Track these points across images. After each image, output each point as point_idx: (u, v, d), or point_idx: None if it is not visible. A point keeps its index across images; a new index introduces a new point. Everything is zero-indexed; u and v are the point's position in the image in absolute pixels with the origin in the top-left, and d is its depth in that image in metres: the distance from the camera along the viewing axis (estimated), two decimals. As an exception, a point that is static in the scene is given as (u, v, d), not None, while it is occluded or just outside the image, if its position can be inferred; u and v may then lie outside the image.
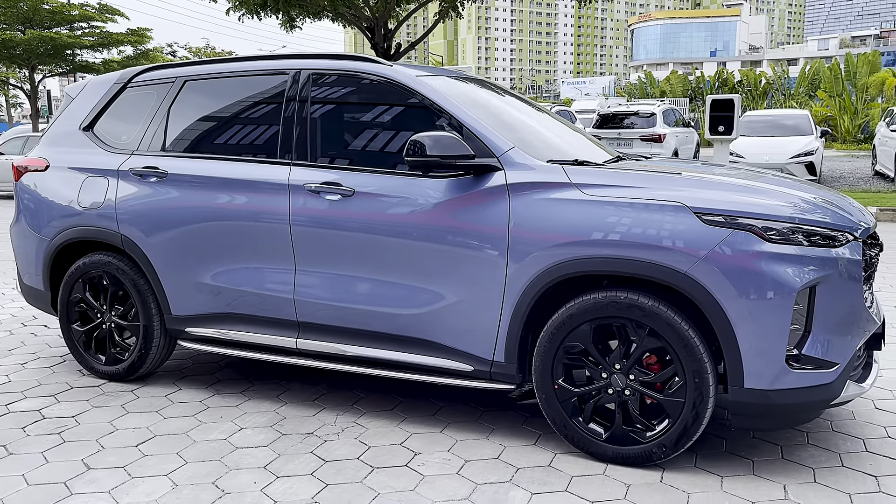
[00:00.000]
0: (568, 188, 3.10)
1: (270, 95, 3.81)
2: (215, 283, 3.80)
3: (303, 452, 3.26)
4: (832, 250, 2.86)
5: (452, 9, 16.00)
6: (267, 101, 3.83)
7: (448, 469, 3.08)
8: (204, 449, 3.31)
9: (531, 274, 3.09)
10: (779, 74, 39.14)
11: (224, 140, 3.91)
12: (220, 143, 3.91)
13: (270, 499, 2.85)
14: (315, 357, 3.68)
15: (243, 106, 3.93)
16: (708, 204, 2.90)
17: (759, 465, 3.09)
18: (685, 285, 2.86)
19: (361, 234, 3.43)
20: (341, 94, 3.72)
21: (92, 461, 3.20)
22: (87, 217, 4.09)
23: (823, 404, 2.92)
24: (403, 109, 3.59)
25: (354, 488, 2.93)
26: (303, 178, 3.56)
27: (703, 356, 2.88)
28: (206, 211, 3.77)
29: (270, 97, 3.81)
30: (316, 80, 3.71)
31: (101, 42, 26.17)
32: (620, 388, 3.05)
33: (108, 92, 4.29)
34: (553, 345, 3.12)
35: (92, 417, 3.68)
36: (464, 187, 3.25)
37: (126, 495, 2.89)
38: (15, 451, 3.31)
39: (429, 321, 3.34)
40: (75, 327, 4.25)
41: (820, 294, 2.84)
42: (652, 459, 3.02)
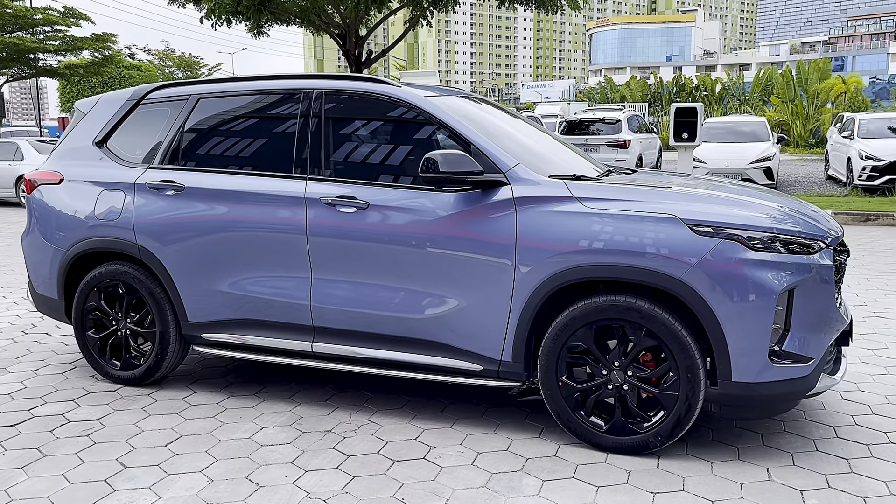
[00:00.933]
0: (570, 202, 3.40)
1: (284, 113, 4.04)
2: (232, 290, 4.01)
3: (325, 448, 3.50)
4: (807, 257, 3.20)
5: (422, 17, 16.28)
6: (281, 118, 4.06)
7: (463, 461, 3.35)
8: (230, 447, 3.52)
9: (537, 280, 3.38)
10: (734, 80, 40.26)
11: (239, 155, 4.13)
12: (235, 159, 4.12)
13: (303, 490, 3.09)
14: (330, 359, 3.92)
15: (257, 123, 4.15)
16: (698, 216, 3.22)
17: (744, 451, 3.42)
18: (679, 290, 3.18)
19: (376, 243, 3.68)
20: (353, 113, 3.97)
21: (126, 460, 3.39)
22: (104, 228, 4.26)
23: (801, 395, 3.26)
24: (413, 128, 3.85)
25: (380, 479, 3.18)
26: (319, 191, 3.80)
27: (695, 353, 3.20)
28: (224, 222, 3.98)
29: (284, 115, 4.04)
30: (329, 99, 3.95)
31: (65, 46, 25.85)
32: (619, 384, 3.35)
33: (121, 108, 4.47)
34: (557, 345, 3.41)
35: (116, 420, 3.87)
36: (473, 201, 3.53)
37: (167, 490, 3.10)
38: (49, 453, 3.48)
39: (440, 325, 3.60)
40: (90, 334, 4.41)
41: (797, 296, 3.19)
42: (648, 448, 3.33)
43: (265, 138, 4.12)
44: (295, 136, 3.95)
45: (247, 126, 4.18)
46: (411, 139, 3.87)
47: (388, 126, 3.94)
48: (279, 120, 4.07)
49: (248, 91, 4.20)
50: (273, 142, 4.07)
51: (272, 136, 4.09)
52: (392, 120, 3.91)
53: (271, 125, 4.12)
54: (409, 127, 3.87)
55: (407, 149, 3.87)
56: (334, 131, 3.93)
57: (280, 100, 4.09)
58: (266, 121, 4.13)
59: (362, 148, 3.96)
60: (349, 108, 3.97)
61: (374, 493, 3.06)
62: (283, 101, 4.07)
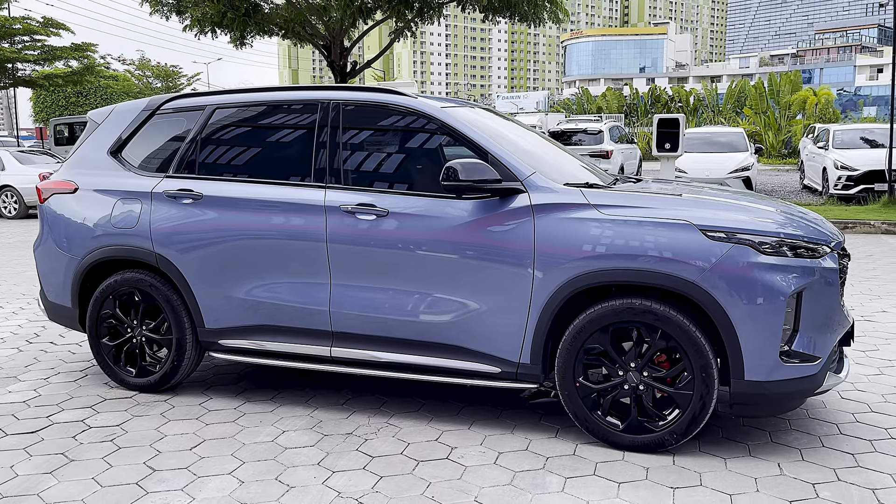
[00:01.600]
0: (587, 209, 3.53)
1: (302, 124, 4.13)
2: (251, 297, 4.08)
3: (349, 450, 3.58)
4: (815, 260, 3.36)
5: (407, 28, 16.43)
6: (299, 128, 4.15)
7: (486, 460, 3.45)
8: (255, 450, 3.59)
9: (556, 285, 3.50)
10: (709, 91, 40.96)
11: (256, 164, 4.20)
12: (252, 168, 4.20)
13: (334, 490, 3.17)
14: (348, 364, 4.00)
15: (274, 133, 4.24)
16: (711, 222, 3.37)
17: (754, 447, 3.56)
18: (693, 293, 3.32)
19: (395, 250, 3.78)
20: (371, 123, 4.07)
21: (154, 464, 3.45)
22: (121, 237, 4.31)
23: (809, 392, 3.41)
24: (430, 138, 3.97)
25: (407, 479, 3.27)
26: (338, 199, 3.89)
27: (709, 353, 3.34)
28: (243, 230, 4.06)
29: (302, 125, 4.13)
30: (347, 110, 4.05)
31: (44, 56, 25.61)
32: (635, 384, 3.48)
33: (135, 119, 4.53)
34: (575, 347, 3.53)
35: (137, 426, 3.91)
36: (491, 208, 3.64)
37: (199, 492, 3.16)
38: (76, 458, 3.52)
39: (459, 329, 3.70)
40: (104, 342, 4.45)
41: (806, 298, 3.34)
42: (664, 446, 3.46)
43: (283, 148, 4.20)
44: (313, 145, 4.04)
45: (263, 136, 4.26)
46: (428, 149, 3.98)
47: (405, 136, 4.05)
48: (297, 130, 4.16)
49: (264, 101, 4.28)
50: (291, 151, 4.16)
51: (290, 146, 4.18)
52: (409, 130, 4.01)
53: (289, 135, 4.20)
54: (426, 137, 3.98)
55: (424, 158, 3.99)
56: (352, 141, 4.03)
57: (297, 110, 4.18)
58: (283, 131, 4.22)
59: (380, 157, 4.06)
60: (367, 118, 4.07)
61: (403, 491, 3.15)
62: (301, 111, 4.16)
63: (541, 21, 16.05)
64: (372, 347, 3.92)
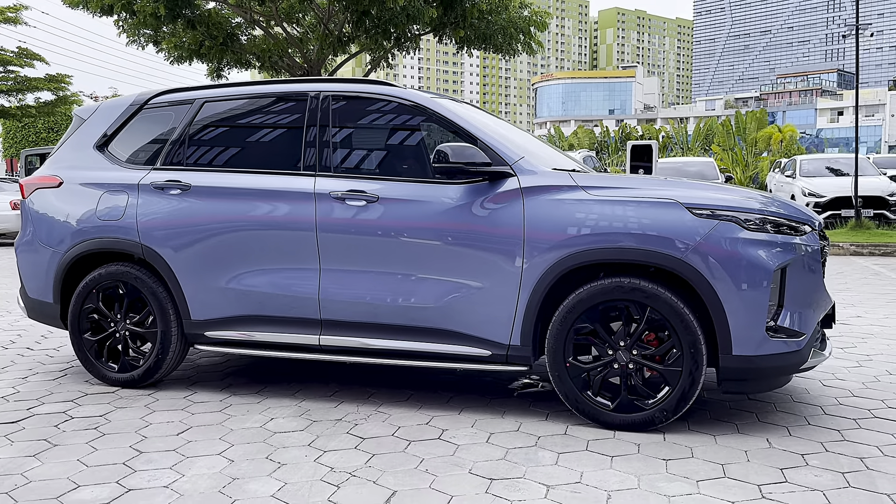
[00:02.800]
0: (575, 190, 3.59)
1: (292, 114, 4.17)
2: (238, 286, 4.06)
3: (340, 433, 3.54)
4: (797, 237, 3.45)
5: (384, 59, 16.66)
6: (288, 119, 4.19)
7: (478, 440, 3.44)
8: (245, 434, 3.54)
9: (546, 265, 3.54)
10: (677, 129, 41.91)
11: (245, 155, 4.23)
12: (241, 159, 4.22)
13: (327, 467, 3.13)
14: (337, 352, 3.98)
15: (263, 124, 4.27)
16: (697, 200, 3.45)
17: (742, 426, 3.60)
18: (681, 269, 3.38)
19: (385, 235, 3.80)
20: (360, 113, 4.13)
21: (141, 447, 3.38)
22: (106, 229, 4.28)
23: (795, 368, 3.47)
24: (419, 126, 4.02)
25: (400, 456, 3.24)
26: (328, 186, 3.91)
27: (697, 329, 3.39)
28: (232, 219, 4.05)
29: (292, 116, 4.16)
30: (336, 100, 4.10)
31: (18, 87, 25.46)
32: (625, 363, 3.51)
33: (123, 113, 4.53)
34: (565, 327, 3.56)
35: (121, 416, 3.84)
36: (481, 191, 3.69)
37: (189, 469, 3.11)
38: (59, 443, 3.45)
39: (450, 312, 3.72)
40: (86, 337, 4.38)
41: (790, 274, 3.42)
42: (654, 424, 3.48)
43: (272, 139, 4.23)
44: (303, 135, 4.07)
45: (253, 127, 4.29)
46: (418, 138, 4.03)
47: (395, 126, 4.10)
48: (287, 121, 4.20)
49: (254, 94, 4.32)
50: (281, 142, 4.19)
51: (280, 137, 4.21)
52: (399, 120, 4.07)
53: (279, 126, 4.24)
54: (415, 126, 4.04)
55: (414, 146, 4.04)
56: (342, 131, 4.07)
57: (287, 102, 4.22)
58: (273, 122, 4.26)
59: (370, 147, 4.11)
60: (356, 108, 4.12)
61: (397, 466, 3.13)
62: (291, 103, 4.20)
63: (514, 52, 16.37)
64: (361, 335, 3.91)
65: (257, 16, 15.83)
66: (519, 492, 2.85)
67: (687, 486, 2.89)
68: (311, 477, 3.02)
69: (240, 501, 2.79)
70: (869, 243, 11.87)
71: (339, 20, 15.44)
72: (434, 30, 15.70)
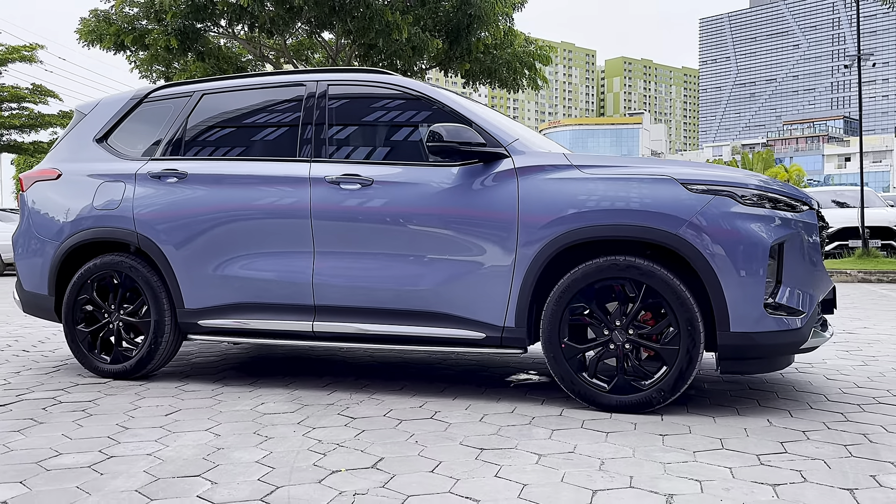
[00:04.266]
0: (569, 169, 3.58)
1: (288, 104, 4.19)
2: (232, 273, 4.03)
3: (331, 414, 3.47)
4: (793, 213, 3.41)
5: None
6: (284, 109, 4.21)
7: (471, 419, 3.37)
8: (234, 415, 3.48)
9: (540, 244, 3.51)
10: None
11: (242, 144, 4.25)
12: (237, 147, 4.25)
13: (315, 440, 3.06)
14: (330, 339, 3.93)
15: (261, 115, 4.30)
16: (691, 176, 3.42)
17: (742, 409, 3.51)
18: (677, 244, 3.34)
19: (379, 218, 3.78)
20: (356, 101, 4.15)
21: (127, 425, 3.32)
22: (102, 219, 4.28)
23: (795, 347, 3.39)
24: (413, 112, 4.03)
25: (390, 432, 3.17)
26: (323, 171, 3.92)
27: (693, 306, 3.33)
28: (227, 206, 4.05)
29: (288, 105, 4.19)
30: (332, 88, 4.13)
31: (31, 123, 25.92)
32: (621, 342, 3.44)
33: (123, 107, 4.58)
34: (560, 307, 3.50)
35: (110, 401, 3.78)
36: (475, 173, 3.68)
37: (174, 442, 3.04)
38: (44, 421, 3.39)
39: (444, 295, 3.67)
40: (80, 328, 4.35)
41: (787, 250, 3.37)
42: (652, 405, 3.39)
43: (269, 129, 4.26)
44: (299, 124, 4.09)
45: (250, 118, 4.32)
46: (413, 123, 4.04)
47: (389, 112, 4.11)
48: (283, 109, 4.22)
49: (251, 86, 4.36)
50: (277, 130, 4.21)
51: (276, 127, 4.23)
52: (393, 106, 4.08)
53: (275, 116, 4.27)
54: (410, 112, 4.05)
55: (408, 132, 4.05)
56: (337, 118, 4.09)
57: (283, 92, 4.25)
58: (269, 112, 4.28)
59: (365, 133, 4.12)
60: (351, 96, 4.15)
61: (386, 439, 3.05)
62: (287, 93, 4.23)
63: (520, 87, 16.55)
64: (354, 320, 3.87)
65: (267, 51, 16.11)
66: (510, 459, 2.77)
67: (683, 455, 2.81)
68: (299, 448, 2.94)
69: (223, 466, 2.72)
70: (877, 270, 11.76)
71: (347, 55, 15.70)
72: (440, 64, 15.93)
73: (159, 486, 2.51)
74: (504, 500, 2.35)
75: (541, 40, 16.82)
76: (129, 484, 2.53)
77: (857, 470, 2.62)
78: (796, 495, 2.37)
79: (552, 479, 2.54)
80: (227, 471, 2.66)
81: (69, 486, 2.51)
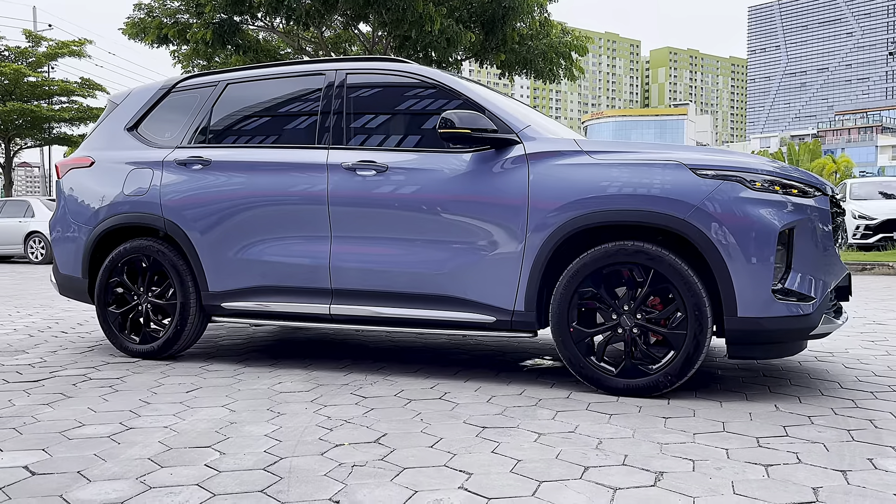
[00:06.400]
0: (579, 154, 3.61)
1: (308, 92, 4.30)
2: (253, 257, 4.17)
3: (343, 394, 3.58)
4: (805, 199, 3.40)
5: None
6: (304, 97, 4.32)
7: (478, 400, 3.44)
8: (251, 393, 3.61)
9: (550, 229, 3.55)
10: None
11: (263, 132, 4.38)
12: (259, 135, 4.37)
13: (324, 416, 3.17)
14: (347, 321, 4.04)
15: (282, 103, 4.42)
16: (700, 162, 3.43)
17: (751, 395, 3.51)
18: (685, 229, 3.35)
19: (394, 203, 3.87)
20: (373, 89, 4.24)
21: (149, 399, 3.48)
22: (132, 205, 4.46)
23: (805, 333, 3.38)
24: (429, 99, 4.10)
25: (398, 411, 3.26)
26: (340, 158, 4.02)
27: (701, 291, 3.34)
28: (248, 192, 4.18)
29: (308, 94, 4.30)
30: (351, 78, 4.22)
31: (80, 116, 26.72)
32: (629, 327, 3.48)
33: (153, 97, 4.75)
34: (568, 291, 3.55)
35: (136, 379, 3.95)
36: (487, 159, 3.74)
37: (190, 416, 3.18)
38: (73, 396, 3.56)
39: (457, 279, 3.74)
40: (111, 310, 4.54)
41: (797, 236, 3.36)
42: (659, 389, 3.42)
43: (290, 116, 4.37)
44: (318, 112, 4.20)
45: (272, 106, 4.44)
46: (428, 111, 4.11)
47: (405, 100, 4.19)
48: (303, 98, 4.33)
49: (273, 75, 4.48)
50: (297, 119, 4.32)
51: (296, 114, 4.35)
52: (409, 93, 4.16)
53: (295, 104, 4.38)
54: (425, 100, 4.12)
55: (423, 119, 4.12)
56: (354, 106, 4.18)
57: (304, 81, 4.36)
58: (291, 100, 4.40)
59: (381, 120, 4.20)
60: (369, 84, 4.24)
61: (393, 417, 3.14)
62: (308, 82, 4.34)
63: (556, 78, 16.48)
64: (369, 303, 3.97)
65: (305, 44, 16.32)
66: (509, 437, 2.84)
67: (682, 437, 2.84)
68: (308, 423, 3.05)
69: (233, 438, 2.84)
70: (921, 263, 11.45)
71: (383, 46, 15.82)
72: (475, 55, 15.95)
73: (171, 455, 2.64)
74: (496, 473, 2.42)
75: (578, 30, 16.70)
76: (144, 452, 2.66)
77: (855, 454, 2.62)
78: (787, 475, 2.39)
79: (547, 455, 2.60)
80: (236, 443, 2.78)
81: (87, 454, 2.65)
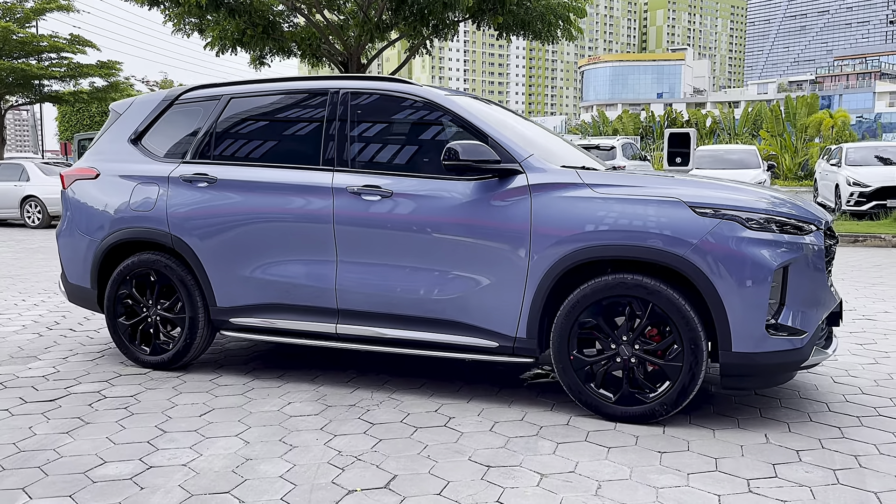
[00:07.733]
0: (581, 188, 3.68)
1: (312, 111, 4.33)
2: (260, 276, 4.26)
3: (351, 419, 3.72)
4: (800, 237, 3.49)
5: (423, 45, 16.76)
6: (308, 115, 4.35)
7: (482, 428, 3.58)
8: (262, 417, 3.75)
9: (551, 261, 3.65)
10: (725, 115, 41.09)
11: (268, 150, 4.41)
12: (264, 153, 4.41)
13: (334, 450, 3.31)
14: (352, 341, 4.16)
15: (286, 120, 4.45)
16: (699, 199, 3.51)
17: (743, 421, 3.67)
18: (682, 266, 3.45)
19: (398, 229, 3.95)
20: (378, 110, 4.26)
21: (165, 427, 3.61)
22: (139, 219, 4.52)
23: (796, 366, 3.52)
24: (433, 124, 4.14)
25: (405, 442, 3.40)
26: (345, 181, 4.07)
27: (697, 326, 3.46)
28: (254, 212, 4.25)
29: (312, 112, 4.33)
30: (355, 97, 4.25)
31: (71, 73, 26.31)
32: (627, 357, 3.60)
33: (155, 109, 4.76)
34: (569, 321, 3.66)
35: (150, 397, 4.08)
36: (490, 188, 3.81)
37: (207, 450, 3.32)
38: (91, 421, 3.70)
39: (459, 305, 3.85)
40: (121, 321, 4.64)
41: (792, 273, 3.47)
42: (655, 417, 3.57)
43: (293, 134, 4.41)
44: (322, 131, 4.24)
45: (275, 123, 4.47)
46: (432, 135, 4.16)
47: (410, 123, 4.23)
48: (307, 117, 4.36)
49: (276, 91, 4.49)
50: (301, 137, 4.36)
51: (300, 132, 4.38)
52: (414, 117, 4.20)
53: (299, 122, 4.41)
54: (430, 123, 4.16)
55: (428, 143, 4.16)
56: (359, 127, 4.22)
57: (308, 98, 4.38)
58: (294, 118, 4.43)
59: (386, 142, 4.24)
60: (373, 105, 4.26)
61: (400, 451, 3.29)
62: (311, 99, 4.37)
63: (554, 39, 16.29)
64: (375, 324, 4.08)
65: (299, 3, 16.04)
66: (513, 479, 2.98)
67: (677, 478, 2.99)
68: (320, 460, 3.20)
69: (250, 481, 2.98)
70: (913, 235, 11.57)
71: (379, 7, 15.58)
72: (472, 17, 15.72)
73: (193, 503, 2.78)
74: (502, 530, 2.57)
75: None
76: (167, 500, 2.80)
77: (839, 501, 2.78)
78: (775, 532, 2.55)
79: (550, 503, 2.75)
80: (253, 487, 2.92)
81: (114, 502, 2.79)
